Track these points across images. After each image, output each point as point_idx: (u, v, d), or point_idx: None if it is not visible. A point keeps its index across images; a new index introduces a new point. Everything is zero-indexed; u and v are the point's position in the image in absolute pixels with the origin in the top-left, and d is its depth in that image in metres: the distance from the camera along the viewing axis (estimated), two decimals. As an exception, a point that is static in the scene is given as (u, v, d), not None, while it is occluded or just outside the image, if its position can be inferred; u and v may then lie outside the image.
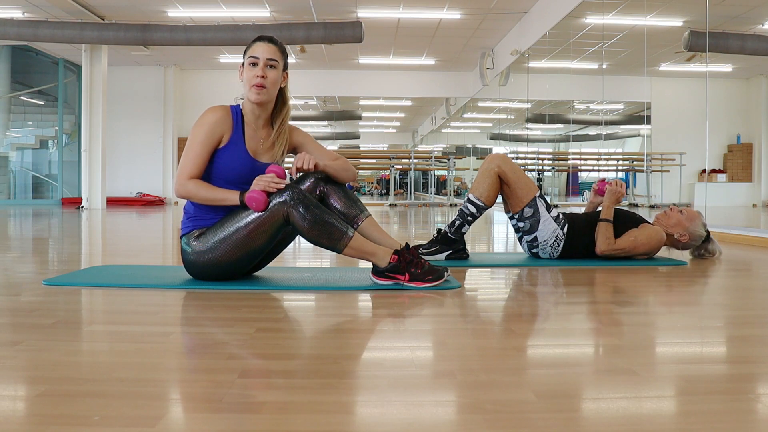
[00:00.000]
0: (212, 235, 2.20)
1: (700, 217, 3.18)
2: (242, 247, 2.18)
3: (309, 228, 2.13)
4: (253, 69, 2.22)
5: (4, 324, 1.70)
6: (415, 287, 2.20)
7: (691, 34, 8.06)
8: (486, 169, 3.00)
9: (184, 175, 2.21)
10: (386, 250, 2.23)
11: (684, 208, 3.20)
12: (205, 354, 1.46)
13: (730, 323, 1.86)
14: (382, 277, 2.23)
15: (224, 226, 2.19)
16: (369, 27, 9.23)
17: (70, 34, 8.90)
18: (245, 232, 2.16)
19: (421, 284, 2.20)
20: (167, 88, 12.79)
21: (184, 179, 2.20)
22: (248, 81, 2.23)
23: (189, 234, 2.26)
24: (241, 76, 2.27)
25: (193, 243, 2.23)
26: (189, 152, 2.22)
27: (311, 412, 1.05)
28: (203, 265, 2.23)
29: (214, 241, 2.19)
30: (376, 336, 1.65)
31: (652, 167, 12.17)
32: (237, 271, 2.27)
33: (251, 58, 2.23)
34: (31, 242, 4.46)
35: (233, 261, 2.21)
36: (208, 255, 2.20)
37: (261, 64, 2.22)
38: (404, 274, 2.21)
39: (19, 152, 12.99)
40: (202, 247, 2.20)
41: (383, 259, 2.21)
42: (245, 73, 2.25)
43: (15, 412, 1.06)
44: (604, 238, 2.97)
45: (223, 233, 2.18)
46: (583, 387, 1.23)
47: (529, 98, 12.55)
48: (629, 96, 13.17)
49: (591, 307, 2.08)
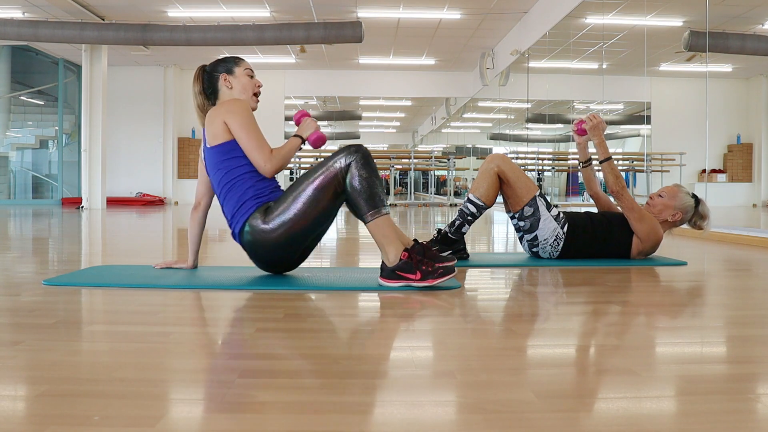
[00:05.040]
0: (282, 203, 2.31)
1: (679, 188, 3.13)
2: (311, 206, 2.28)
3: (359, 181, 2.27)
4: (252, 79, 2.53)
5: (4, 324, 1.70)
6: (426, 286, 2.21)
7: (691, 34, 8.06)
8: (486, 169, 3.00)
9: (266, 152, 2.35)
10: (400, 247, 2.26)
11: (660, 190, 3.14)
12: (205, 354, 1.46)
13: (730, 323, 1.86)
14: (393, 278, 2.23)
15: (289, 196, 2.31)
16: (369, 27, 9.23)
17: (70, 34, 8.90)
18: (311, 188, 2.28)
19: (434, 281, 2.21)
20: (167, 88, 12.79)
21: (269, 156, 2.35)
22: (249, 89, 2.51)
23: (253, 215, 2.33)
24: (227, 82, 2.50)
25: (260, 223, 2.31)
26: (253, 133, 2.36)
27: (311, 412, 1.05)
28: (275, 241, 2.31)
29: (287, 212, 2.28)
30: (376, 336, 1.65)
31: (652, 167, 12.17)
32: (304, 239, 2.35)
33: (249, 71, 2.53)
34: (31, 242, 4.46)
35: (305, 227, 2.30)
36: (282, 226, 2.29)
37: (257, 80, 2.55)
38: (415, 272, 2.22)
39: (19, 152, 12.99)
40: (274, 220, 2.30)
41: (395, 255, 2.24)
42: (242, 80, 2.51)
43: (15, 412, 1.06)
44: (614, 177, 2.95)
45: (294, 194, 2.30)
46: (583, 387, 1.22)
47: (529, 98, 12.55)
48: (629, 96, 13.17)
49: (591, 307, 2.08)
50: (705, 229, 3.13)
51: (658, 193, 3.12)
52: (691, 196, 3.12)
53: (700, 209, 3.11)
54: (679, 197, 3.08)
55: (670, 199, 3.07)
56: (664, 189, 3.13)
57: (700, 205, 3.12)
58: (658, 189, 3.18)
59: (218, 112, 2.37)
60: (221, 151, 2.37)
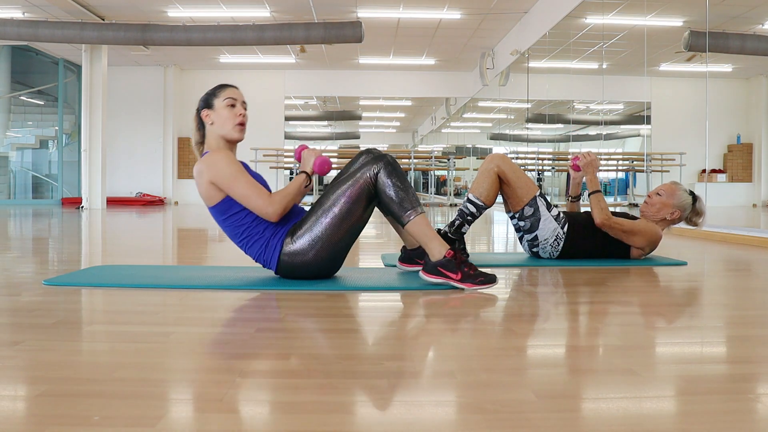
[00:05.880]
0: (309, 223, 2.27)
1: (677, 186, 3.12)
2: (345, 219, 2.25)
3: (392, 188, 2.27)
4: (233, 109, 2.33)
5: (4, 324, 1.70)
6: (465, 288, 2.21)
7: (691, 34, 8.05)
8: (485, 169, 3.00)
9: (264, 197, 2.24)
10: (444, 244, 2.27)
11: (658, 188, 3.13)
12: (205, 354, 1.46)
13: (730, 323, 1.86)
14: (434, 274, 2.24)
15: (318, 211, 2.28)
16: (369, 27, 9.23)
17: (70, 34, 8.90)
18: (342, 202, 2.26)
19: (472, 285, 2.22)
20: (167, 88, 12.79)
21: (268, 200, 2.24)
22: (230, 120, 2.32)
23: (284, 246, 2.27)
24: (208, 118, 2.33)
25: (292, 246, 2.26)
26: (243, 183, 2.24)
27: (311, 412, 1.05)
28: (315, 259, 2.27)
29: (317, 226, 2.25)
30: (377, 336, 1.65)
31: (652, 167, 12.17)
32: (342, 252, 2.32)
33: (229, 99, 2.33)
34: (31, 242, 4.46)
35: (343, 238, 2.27)
36: (317, 242, 2.25)
37: (239, 105, 2.35)
38: (456, 272, 2.22)
39: (19, 152, 12.99)
40: (303, 237, 2.26)
41: (439, 251, 2.25)
42: (222, 112, 2.31)
43: (15, 412, 1.06)
44: (599, 210, 2.97)
45: (324, 207, 2.27)
46: (583, 387, 1.22)
47: (529, 98, 12.55)
48: (629, 96, 13.17)
49: (591, 308, 2.08)
50: (699, 225, 3.13)
51: (656, 191, 3.12)
52: (688, 193, 3.12)
53: (697, 206, 3.12)
54: (677, 195, 3.08)
55: (669, 198, 3.07)
56: (662, 187, 3.13)
57: (697, 201, 3.13)
58: (656, 187, 3.18)
59: (201, 171, 2.27)
60: (221, 210, 2.30)
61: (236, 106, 2.33)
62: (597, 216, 2.96)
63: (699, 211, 3.12)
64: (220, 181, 2.24)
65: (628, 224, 2.98)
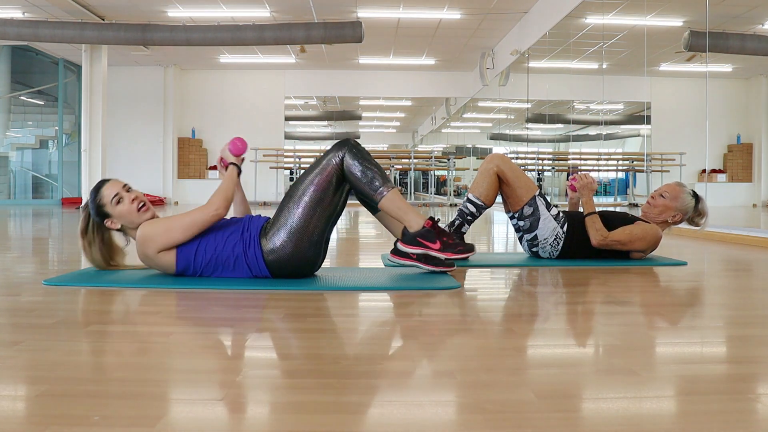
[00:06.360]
0: (281, 218, 2.27)
1: (681, 188, 3.11)
2: (316, 206, 2.25)
3: (358, 169, 2.26)
4: (123, 201, 2.29)
5: (4, 324, 1.70)
6: (445, 258, 2.21)
7: (691, 34, 8.06)
8: (485, 169, 3.00)
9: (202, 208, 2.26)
10: (422, 216, 2.27)
11: (663, 189, 3.12)
12: (205, 354, 1.46)
13: (730, 323, 1.86)
14: (413, 244, 2.23)
15: (288, 203, 2.28)
16: (369, 27, 9.23)
17: (70, 34, 8.90)
18: (311, 190, 2.26)
19: (452, 255, 2.22)
20: (167, 88, 12.79)
21: (207, 205, 2.26)
22: (130, 212, 2.28)
23: (263, 250, 2.26)
24: (114, 224, 2.31)
25: (271, 244, 2.26)
26: (177, 221, 2.25)
27: (311, 412, 1.05)
28: (294, 251, 2.25)
29: (290, 218, 2.25)
30: (376, 336, 1.65)
31: (652, 167, 12.17)
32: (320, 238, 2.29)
33: (114, 198, 2.28)
34: (31, 242, 4.46)
35: (315, 228, 2.25)
36: (294, 234, 2.24)
37: (123, 192, 2.30)
38: (435, 242, 2.22)
39: (19, 152, 12.99)
40: (281, 236, 2.25)
41: (417, 222, 2.24)
42: (117, 211, 2.28)
43: (15, 412, 1.06)
44: (595, 231, 2.97)
45: (294, 199, 2.26)
46: (583, 387, 1.22)
47: (529, 98, 12.55)
48: (629, 96, 13.17)
49: (591, 307, 2.08)
50: (702, 226, 3.13)
51: (660, 192, 3.11)
52: (691, 195, 3.11)
53: (700, 207, 3.11)
54: (680, 199, 3.07)
55: (672, 201, 3.07)
56: (666, 188, 3.12)
57: (699, 202, 3.12)
58: (661, 187, 3.16)
59: (146, 254, 2.28)
60: (185, 262, 2.28)
61: (122, 196, 2.29)
62: (593, 237, 2.96)
63: (702, 212, 3.11)
64: (163, 241, 2.23)
65: (625, 236, 2.98)
